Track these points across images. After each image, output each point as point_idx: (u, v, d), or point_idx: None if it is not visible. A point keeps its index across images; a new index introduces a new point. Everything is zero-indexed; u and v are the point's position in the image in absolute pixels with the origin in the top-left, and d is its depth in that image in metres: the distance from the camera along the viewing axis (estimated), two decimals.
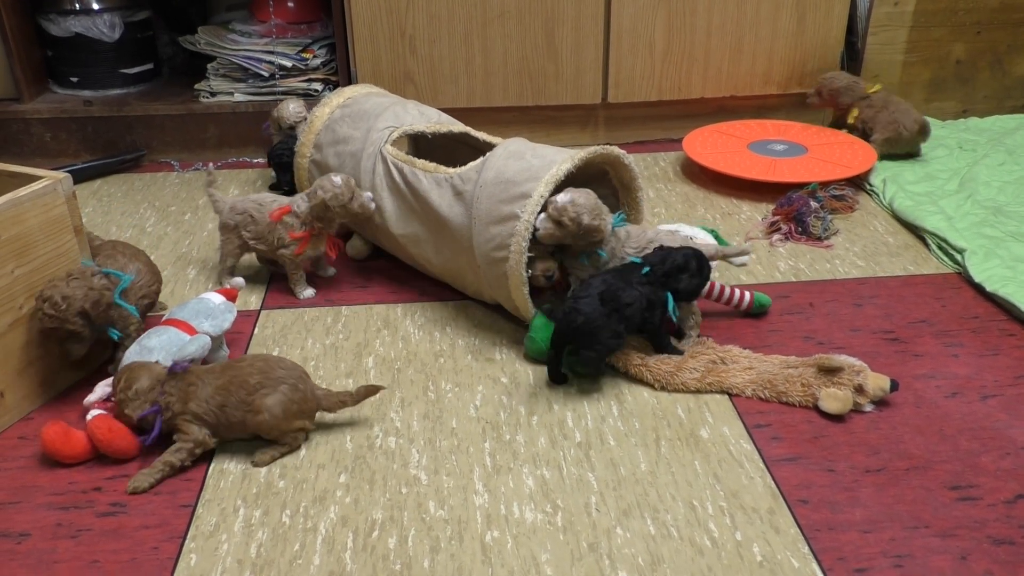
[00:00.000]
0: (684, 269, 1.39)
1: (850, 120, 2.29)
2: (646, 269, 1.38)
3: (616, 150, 1.53)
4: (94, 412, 1.26)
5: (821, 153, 2.18)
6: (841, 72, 2.32)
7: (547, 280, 1.52)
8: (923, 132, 2.18)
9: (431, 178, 1.54)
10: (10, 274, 1.29)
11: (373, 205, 1.60)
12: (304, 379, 1.27)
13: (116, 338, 1.37)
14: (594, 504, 1.17)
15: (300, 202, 1.61)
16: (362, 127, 1.69)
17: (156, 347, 1.35)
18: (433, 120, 1.73)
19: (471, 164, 1.51)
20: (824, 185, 1.99)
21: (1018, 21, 2.45)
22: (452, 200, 1.50)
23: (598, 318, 1.31)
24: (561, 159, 1.44)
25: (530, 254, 1.45)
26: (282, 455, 1.26)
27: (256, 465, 1.24)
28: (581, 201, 1.42)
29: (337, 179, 1.57)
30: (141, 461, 1.25)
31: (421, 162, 1.57)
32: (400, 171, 1.59)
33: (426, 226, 1.57)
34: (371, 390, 1.31)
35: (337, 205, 1.57)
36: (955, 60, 2.48)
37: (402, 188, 1.59)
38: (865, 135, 2.25)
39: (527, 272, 1.43)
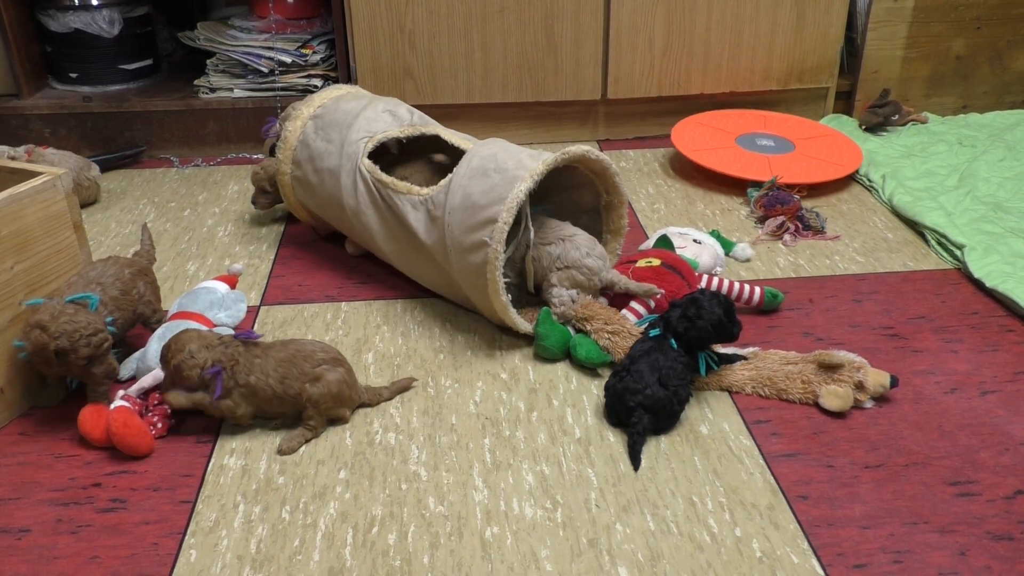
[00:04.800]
0: (689, 319, 1.31)
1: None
2: (673, 342, 1.32)
3: (579, 149, 1.45)
4: (118, 403, 1.27)
5: (809, 150, 2.18)
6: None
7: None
8: None
9: (406, 200, 1.52)
10: (9, 270, 1.29)
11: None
12: (352, 372, 1.33)
13: None
14: (594, 500, 1.17)
15: None
16: (336, 140, 1.64)
17: None
18: (405, 122, 1.67)
19: (441, 184, 1.48)
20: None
21: (1018, 16, 2.45)
22: (429, 225, 1.48)
23: (665, 401, 1.27)
24: (521, 175, 1.39)
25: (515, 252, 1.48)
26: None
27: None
28: None
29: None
30: (150, 459, 1.25)
31: (394, 182, 1.54)
32: (379, 190, 1.56)
33: (411, 245, 1.55)
34: (404, 384, 1.38)
35: None
36: (955, 56, 2.48)
37: (382, 207, 1.57)
38: None
39: (508, 296, 1.43)
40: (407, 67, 2.26)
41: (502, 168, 1.42)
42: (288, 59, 2.29)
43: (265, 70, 2.29)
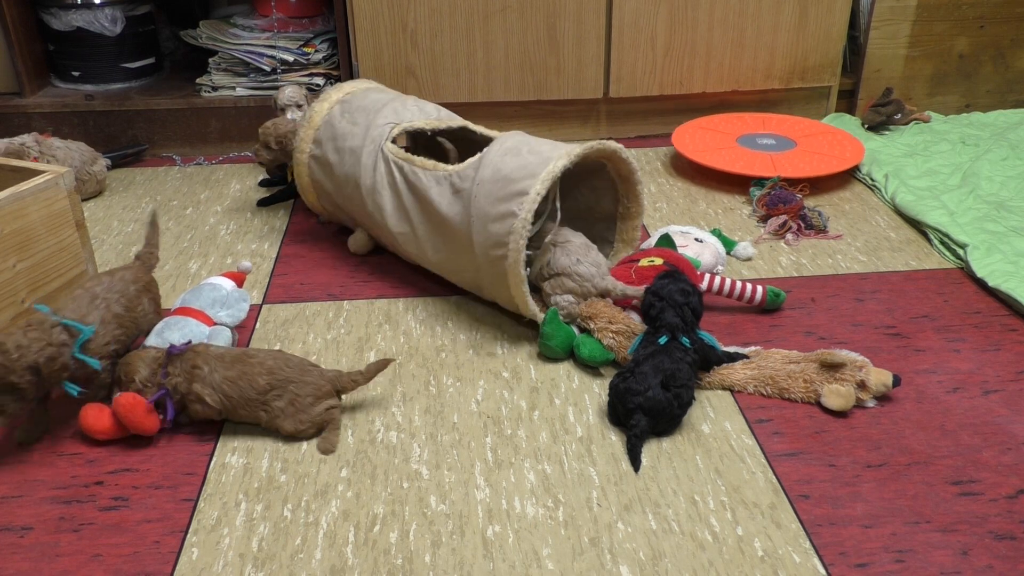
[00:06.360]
0: (681, 306, 1.34)
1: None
2: (685, 341, 1.32)
3: (613, 145, 1.50)
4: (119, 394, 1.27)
5: (811, 146, 2.18)
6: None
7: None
8: None
9: (430, 175, 1.54)
10: (12, 268, 1.29)
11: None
12: (309, 370, 1.29)
13: (75, 394, 1.23)
14: (595, 499, 1.17)
15: None
16: (361, 123, 1.68)
17: (178, 341, 1.35)
18: (432, 116, 1.71)
19: (469, 161, 1.50)
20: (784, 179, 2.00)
21: (1022, 15, 2.44)
22: (451, 198, 1.50)
23: (665, 405, 1.26)
24: (557, 155, 1.42)
25: (529, 252, 1.45)
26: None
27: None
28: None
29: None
30: (152, 458, 1.26)
31: (420, 159, 1.56)
32: (400, 169, 1.58)
33: (425, 224, 1.56)
34: (381, 365, 1.34)
35: None
36: (958, 54, 2.48)
37: (400, 187, 1.58)
38: None
39: (526, 271, 1.42)
40: (409, 65, 2.26)
41: (537, 151, 1.45)
42: (290, 58, 2.29)
43: (267, 69, 2.29)
